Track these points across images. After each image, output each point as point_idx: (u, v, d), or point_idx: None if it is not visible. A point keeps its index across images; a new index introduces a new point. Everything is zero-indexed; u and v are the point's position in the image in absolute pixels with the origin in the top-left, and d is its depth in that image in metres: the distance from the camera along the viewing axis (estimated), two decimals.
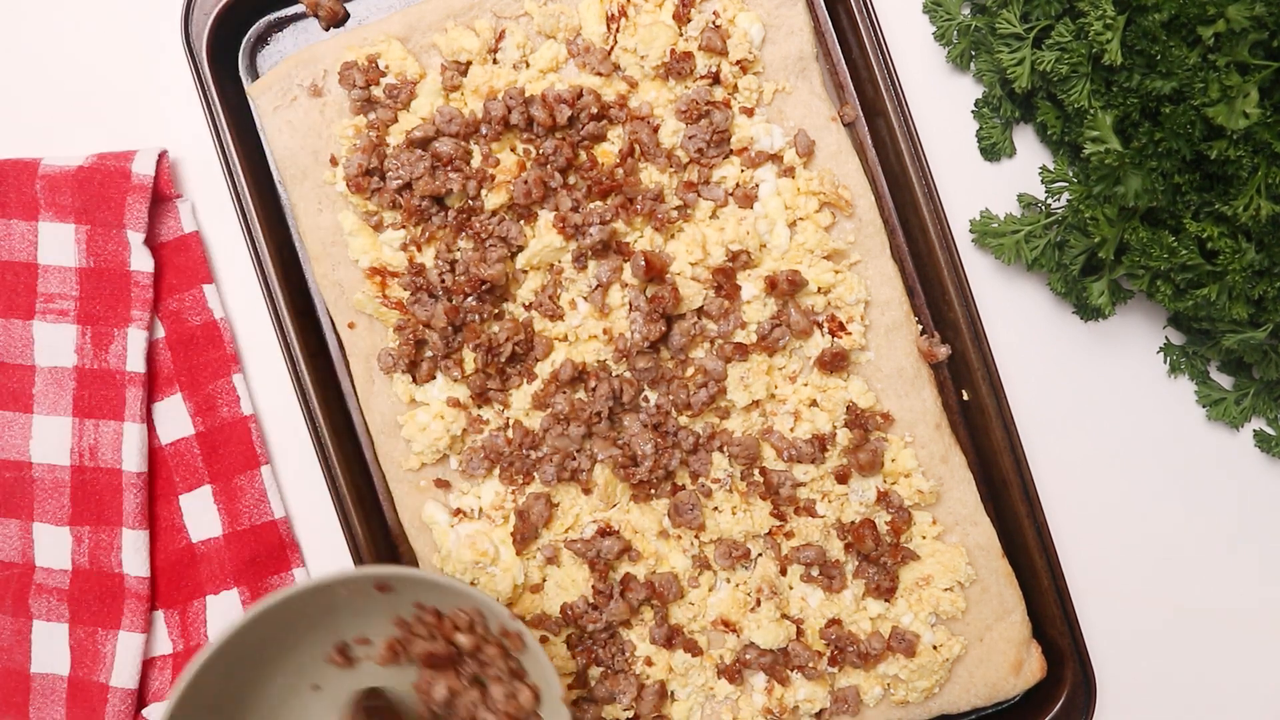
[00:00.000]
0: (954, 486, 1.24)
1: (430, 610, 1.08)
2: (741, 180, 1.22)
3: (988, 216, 1.25)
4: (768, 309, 1.21)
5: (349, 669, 1.12)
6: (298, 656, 1.10)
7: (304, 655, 1.10)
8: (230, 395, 1.26)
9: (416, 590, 1.06)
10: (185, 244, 1.27)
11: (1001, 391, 1.23)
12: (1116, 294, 1.23)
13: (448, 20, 1.21)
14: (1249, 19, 1.03)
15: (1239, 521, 1.31)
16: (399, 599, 1.07)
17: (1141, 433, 1.31)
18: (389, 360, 1.21)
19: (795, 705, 1.21)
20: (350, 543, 1.22)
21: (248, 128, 1.26)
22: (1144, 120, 1.12)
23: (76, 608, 1.25)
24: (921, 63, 1.30)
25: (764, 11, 1.21)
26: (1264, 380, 1.26)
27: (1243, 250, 1.10)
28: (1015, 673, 1.23)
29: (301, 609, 1.05)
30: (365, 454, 1.27)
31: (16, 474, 1.26)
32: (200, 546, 1.27)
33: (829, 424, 1.21)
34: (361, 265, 1.22)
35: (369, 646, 1.12)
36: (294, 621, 1.06)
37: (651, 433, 1.19)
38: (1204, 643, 1.31)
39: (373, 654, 1.12)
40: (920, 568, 1.23)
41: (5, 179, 1.24)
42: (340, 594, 1.05)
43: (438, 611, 1.08)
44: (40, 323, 1.25)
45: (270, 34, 1.27)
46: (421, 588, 1.06)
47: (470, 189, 1.19)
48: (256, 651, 1.05)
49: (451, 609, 1.08)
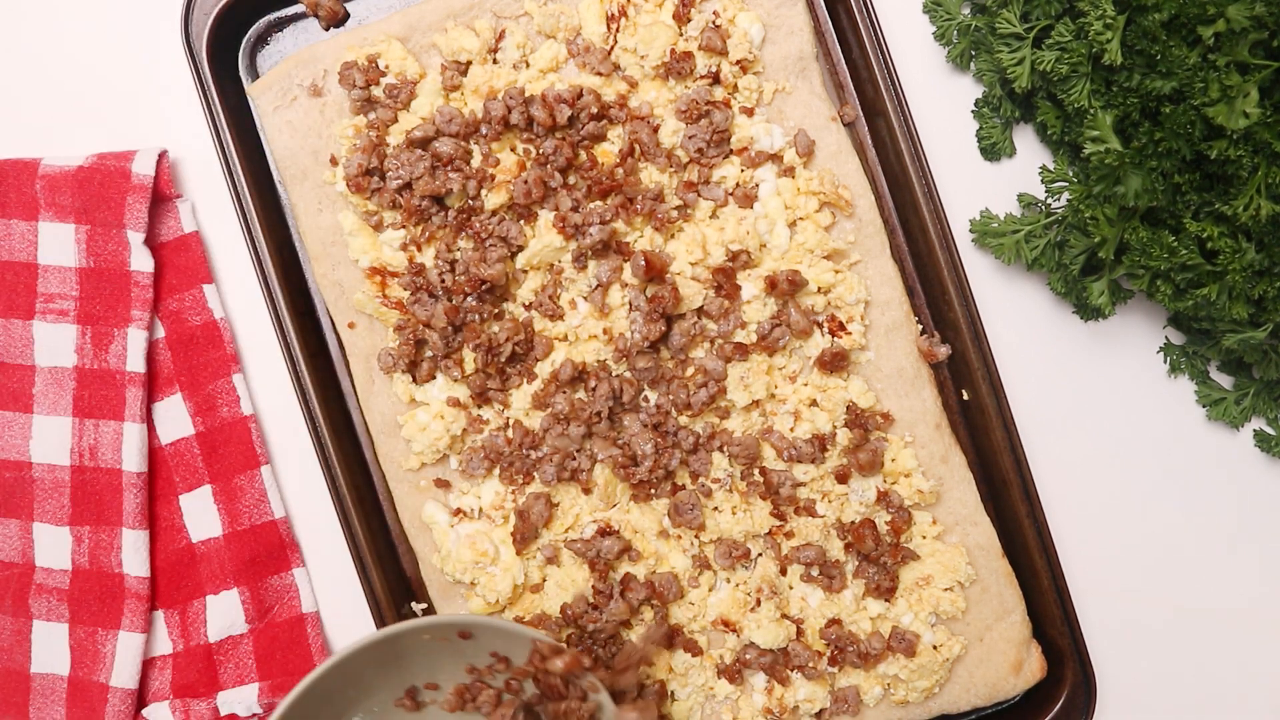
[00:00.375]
0: (954, 486, 1.24)
1: (503, 660, 1.10)
2: (741, 180, 1.22)
3: (988, 216, 1.25)
4: (768, 309, 1.21)
5: (416, 714, 1.14)
6: (369, 700, 1.11)
7: (375, 699, 1.11)
8: (230, 395, 1.26)
9: (496, 639, 1.07)
10: (185, 244, 1.27)
11: (1001, 391, 1.23)
12: (1116, 294, 1.23)
13: (448, 20, 1.21)
14: (1249, 19, 1.03)
15: (1239, 521, 1.31)
16: (477, 646, 1.09)
17: (1141, 433, 1.31)
18: (389, 360, 1.21)
19: (795, 705, 1.21)
20: (350, 543, 1.22)
21: (248, 128, 1.26)
22: (1144, 120, 1.12)
23: (76, 608, 1.25)
24: (921, 63, 1.30)
25: (764, 11, 1.21)
26: (1264, 380, 1.26)
27: (1243, 250, 1.10)
28: (1015, 673, 1.23)
29: (380, 652, 1.06)
30: (365, 454, 1.27)
31: (16, 474, 1.26)
32: (200, 546, 1.27)
33: (829, 424, 1.21)
34: (361, 265, 1.22)
35: (437, 692, 1.13)
36: (372, 664, 1.07)
37: (651, 433, 1.19)
38: (1204, 642, 1.31)
39: (439, 699, 1.13)
40: (920, 568, 1.23)
41: (5, 179, 1.24)
42: (424, 638, 1.06)
43: (508, 661, 1.10)
44: (40, 323, 1.25)
45: (270, 34, 1.27)
46: (504, 637, 1.07)
47: (470, 189, 1.19)
48: (337, 693, 1.07)
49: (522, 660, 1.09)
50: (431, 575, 1.24)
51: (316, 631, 1.27)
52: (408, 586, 1.27)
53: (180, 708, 1.25)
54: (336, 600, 1.29)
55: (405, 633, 1.04)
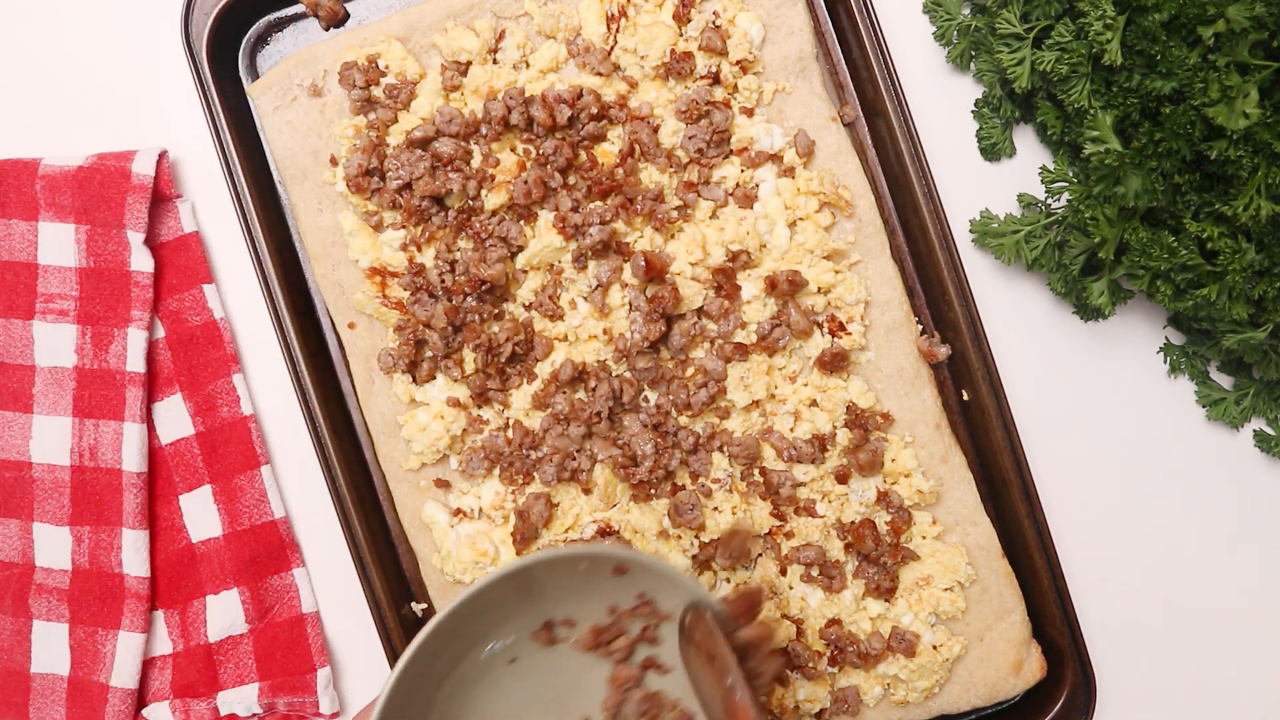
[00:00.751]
0: (954, 486, 1.24)
1: (647, 603, 1.04)
2: (741, 180, 1.22)
3: (988, 216, 1.25)
4: (768, 309, 1.21)
5: (548, 649, 1.07)
6: (509, 627, 1.05)
7: (514, 627, 1.05)
8: (230, 395, 1.26)
9: (649, 581, 1.02)
10: (185, 244, 1.27)
11: (1001, 391, 1.23)
12: (1116, 294, 1.23)
13: (448, 20, 1.21)
14: (1249, 19, 1.03)
15: (1239, 521, 1.31)
16: (626, 586, 1.03)
17: (1141, 433, 1.31)
18: (389, 360, 1.21)
19: (795, 705, 1.21)
20: (350, 543, 1.22)
21: (248, 128, 1.26)
22: (1144, 120, 1.12)
23: (76, 608, 1.25)
24: (921, 63, 1.30)
25: (764, 11, 1.21)
26: (1264, 380, 1.26)
27: (1243, 250, 1.10)
28: (1015, 673, 1.23)
29: (528, 579, 1.00)
30: (365, 454, 1.27)
31: (16, 474, 1.26)
32: (200, 546, 1.27)
33: (829, 424, 1.21)
34: (361, 265, 1.22)
35: (572, 630, 1.07)
36: (514, 591, 1.01)
37: (651, 433, 1.19)
38: (1204, 643, 1.31)
39: (573, 637, 1.07)
40: (920, 568, 1.23)
41: (5, 179, 1.25)
42: (579, 568, 1.01)
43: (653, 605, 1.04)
44: (40, 323, 1.25)
45: (270, 34, 1.27)
46: (657, 581, 1.02)
47: (470, 189, 1.19)
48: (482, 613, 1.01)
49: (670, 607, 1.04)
50: (431, 575, 1.24)
51: (316, 631, 1.27)
52: (407, 587, 1.27)
53: (180, 708, 1.25)
54: (336, 600, 1.29)
55: (561, 560, 0.99)
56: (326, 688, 1.26)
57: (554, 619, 1.06)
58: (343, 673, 1.29)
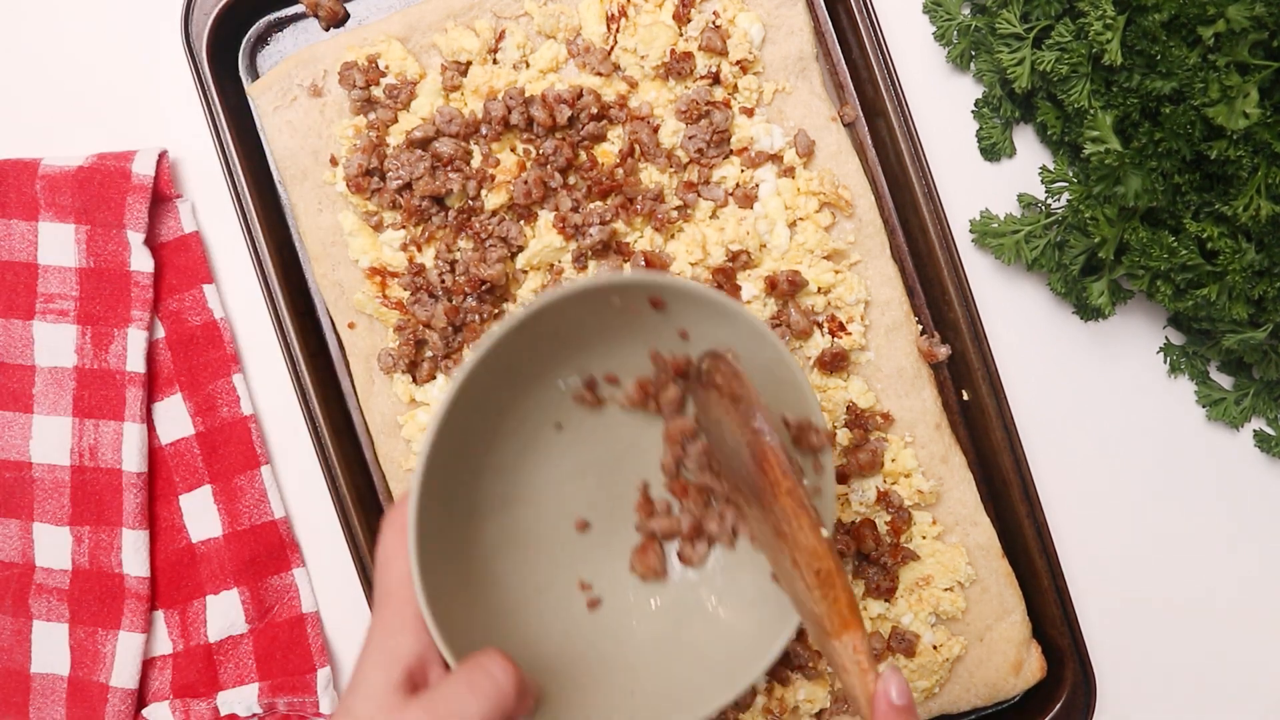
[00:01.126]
0: (954, 486, 1.24)
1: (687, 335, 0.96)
2: (741, 180, 1.22)
3: (988, 216, 1.25)
4: (768, 309, 1.21)
5: (595, 410, 1.01)
6: (547, 387, 0.98)
7: (556, 373, 0.98)
8: (230, 395, 1.26)
9: (689, 312, 0.94)
10: (185, 244, 1.27)
11: (1001, 391, 1.23)
12: (1116, 294, 1.23)
13: (448, 20, 1.21)
14: (1249, 19, 1.03)
15: (1239, 521, 1.31)
16: (666, 322, 0.95)
17: (1141, 433, 1.31)
18: (389, 360, 1.21)
19: (795, 705, 1.21)
20: (350, 543, 1.22)
21: (248, 128, 1.26)
22: (1144, 120, 1.12)
23: (76, 608, 1.25)
24: (921, 63, 1.30)
25: (764, 11, 1.21)
26: (1264, 380, 1.26)
27: (1243, 250, 1.10)
28: (1015, 673, 1.24)
29: (556, 326, 0.92)
30: (365, 454, 1.27)
31: (16, 474, 1.26)
32: (200, 546, 1.27)
33: (829, 424, 1.21)
34: (361, 265, 1.22)
35: (616, 388, 1.00)
36: (547, 336, 0.93)
37: None
38: (1204, 643, 1.31)
39: (619, 395, 1.01)
40: (920, 568, 1.23)
41: (5, 179, 1.25)
42: (613, 302, 0.92)
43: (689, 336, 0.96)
44: (40, 323, 1.25)
45: (270, 34, 1.27)
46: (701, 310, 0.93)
47: (470, 189, 1.19)
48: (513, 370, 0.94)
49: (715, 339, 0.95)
50: None
51: (316, 631, 1.27)
52: None
53: (180, 708, 1.25)
54: (336, 600, 1.29)
55: (593, 291, 0.89)
56: (326, 688, 1.26)
57: (596, 376, 1.00)
58: (343, 673, 1.29)
